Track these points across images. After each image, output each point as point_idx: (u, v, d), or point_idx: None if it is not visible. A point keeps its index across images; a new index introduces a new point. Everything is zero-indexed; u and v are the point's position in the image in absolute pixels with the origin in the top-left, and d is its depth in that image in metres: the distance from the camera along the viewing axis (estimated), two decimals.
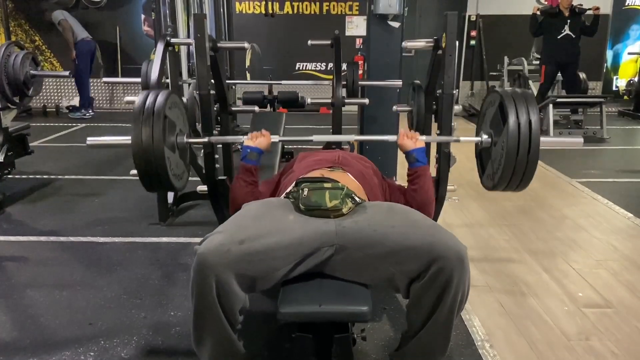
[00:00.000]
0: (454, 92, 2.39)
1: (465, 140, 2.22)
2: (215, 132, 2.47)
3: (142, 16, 8.05)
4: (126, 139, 1.93)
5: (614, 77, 8.43)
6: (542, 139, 1.93)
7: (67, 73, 3.54)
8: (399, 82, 3.46)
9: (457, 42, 2.32)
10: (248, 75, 8.33)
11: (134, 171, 3.22)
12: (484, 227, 3.26)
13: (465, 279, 1.48)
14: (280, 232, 1.53)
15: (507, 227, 3.26)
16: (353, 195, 1.66)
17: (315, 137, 2.23)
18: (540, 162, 4.70)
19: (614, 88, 8.39)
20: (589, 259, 2.82)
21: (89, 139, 2.10)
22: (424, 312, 1.51)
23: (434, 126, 2.64)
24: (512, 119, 1.91)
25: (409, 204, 1.94)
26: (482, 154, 2.28)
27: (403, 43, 2.51)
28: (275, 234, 1.51)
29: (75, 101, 8.15)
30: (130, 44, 7.94)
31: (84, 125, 6.96)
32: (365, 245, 1.53)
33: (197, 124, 2.54)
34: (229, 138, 2.41)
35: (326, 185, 1.65)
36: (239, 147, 2.11)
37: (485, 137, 2.15)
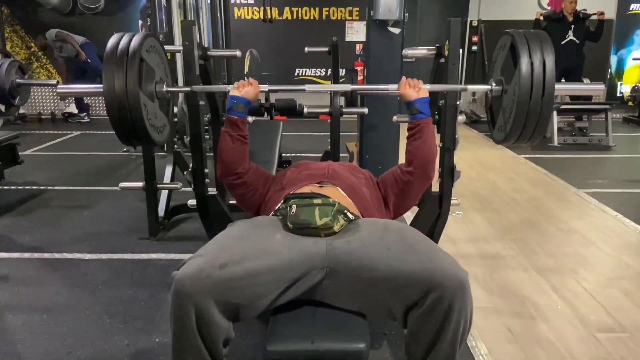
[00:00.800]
0: (458, 102, 2.26)
1: (473, 89, 2.09)
2: (205, 145, 2.33)
3: (140, 22, 7.93)
4: (98, 87, 1.78)
5: (619, 83, 8.30)
6: (557, 85, 1.78)
7: (54, 82, 3.41)
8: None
9: (460, 51, 2.18)
10: None
11: (124, 184, 3.11)
12: (489, 241, 3.12)
13: (468, 307, 1.35)
14: (266, 255, 1.39)
15: (513, 241, 3.12)
16: (345, 211, 1.53)
17: (308, 87, 2.12)
18: (546, 171, 4.58)
19: (618, 94, 8.25)
20: (600, 277, 2.68)
21: (59, 87, 1.97)
22: (424, 345, 1.37)
23: (437, 137, 2.51)
24: (524, 61, 1.74)
25: (407, 166, 1.84)
26: (493, 105, 2.12)
27: (404, 51, 2.37)
28: (260, 257, 1.38)
29: (72, 108, 8.04)
30: None
31: (78, 132, 6.83)
32: (357, 268, 1.39)
33: (185, 137, 2.41)
34: (213, 87, 2.28)
35: (316, 201, 1.52)
36: (229, 90, 1.94)
37: (495, 85, 2.00)
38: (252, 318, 1.43)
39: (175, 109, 2.76)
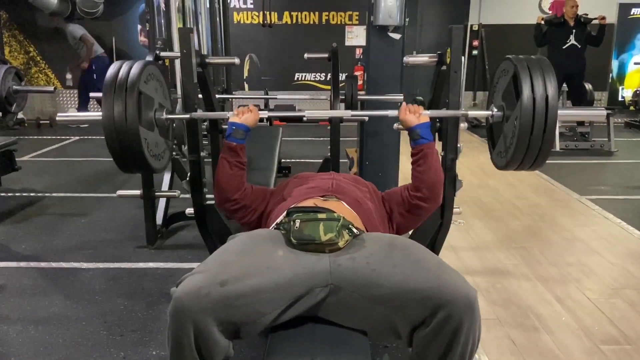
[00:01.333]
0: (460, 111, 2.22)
1: (474, 115, 2.06)
2: (204, 153, 2.30)
3: (139, 27, 7.93)
4: (97, 115, 1.78)
5: (620, 88, 8.27)
6: (560, 111, 1.77)
7: (51, 88, 3.38)
8: (400, 96, 3.28)
9: (462, 58, 2.15)
10: (246, 86, 8.23)
11: (121, 192, 3.08)
12: (491, 250, 3.08)
13: (476, 326, 1.30)
14: (268, 272, 1.34)
15: (516, 250, 3.08)
16: (350, 226, 1.48)
17: (308, 113, 2.09)
18: (548, 177, 4.54)
19: (619, 98, 8.22)
20: (604, 287, 2.64)
21: (59, 114, 1.98)
22: None
23: (438, 145, 2.47)
24: (526, 93, 1.72)
25: (416, 191, 1.81)
26: (493, 129, 2.10)
27: (405, 59, 2.34)
28: (262, 274, 1.33)
29: (71, 113, 8.02)
30: (126, 55, 7.79)
31: (77, 138, 6.79)
32: (362, 286, 1.34)
33: (183, 145, 2.37)
34: (212, 114, 2.25)
35: (320, 216, 1.47)
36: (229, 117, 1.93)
37: (496, 110, 1.97)
38: (253, 336, 1.39)
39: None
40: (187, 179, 2.26)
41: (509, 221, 3.58)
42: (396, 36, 3.72)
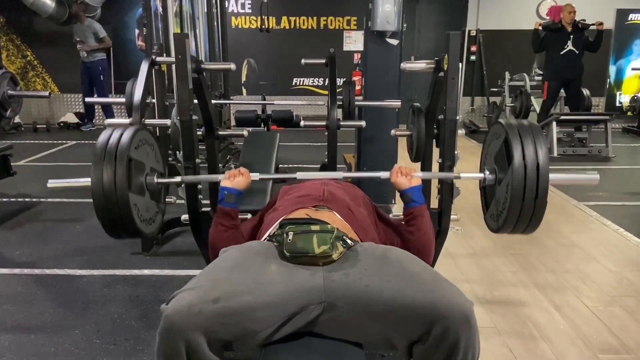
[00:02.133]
0: (458, 117, 2.21)
1: (466, 177, 2.01)
2: (199, 159, 2.28)
3: (136, 30, 7.91)
4: (87, 181, 1.73)
5: (617, 93, 8.28)
6: (551, 176, 1.76)
7: (46, 93, 3.36)
8: (397, 102, 3.27)
9: (460, 65, 2.13)
10: (244, 90, 8.21)
11: None
12: (489, 257, 3.06)
13: (475, 340, 1.27)
14: (261, 289, 1.32)
15: (514, 257, 3.06)
16: (344, 237, 1.46)
17: (299, 175, 2.03)
18: None
19: (617, 104, 8.23)
20: (602, 295, 2.62)
21: (50, 181, 1.94)
22: None
23: (436, 152, 2.45)
24: (517, 160, 1.73)
25: (406, 246, 1.75)
26: (486, 190, 2.09)
27: (402, 65, 2.32)
28: (255, 291, 1.31)
29: (68, 117, 8.00)
30: (124, 59, 7.78)
31: (73, 142, 6.77)
32: (356, 302, 1.32)
33: (178, 152, 2.35)
34: (202, 177, 2.20)
35: (313, 228, 1.44)
36: (232, 166, 1.94)
37: (488, 173, 1.95)
38: (245, 351, 1.37)
39: (169, 122, 2.72)
40: (182, 185, 2.24)
41: None
42: (394, 42, 3.71)
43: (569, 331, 2.28)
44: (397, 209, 3.50)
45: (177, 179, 2.01)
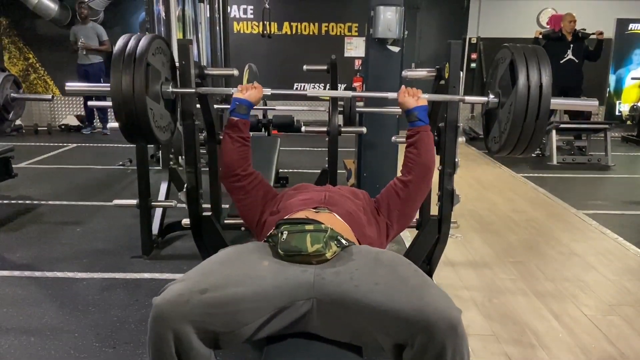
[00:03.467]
0: (458, 125, 2.22)
1: (470, 100, 2.11)
2: (200, 164, 2.29)
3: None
4: (105, 87, 1.89)
5: (617, 102, 8.30)
6: (553, 100, 1.83)
7: (49, 97, 3.37)
8: (398, 109, 3.28)
9: (461, 73, 2.15)
10: None
11: (117, 201, 3.06)
12: (488, 264, 3.06)
13: (462, 348, 1.25)
14: (250, 281, 1.34)
15: (513, 264, 3.07)
16: (338, 237, 1.48)
17: (309, 92, 2.21)
18: (545, 191, 4.54)
19: (617, 113, 8.25)
20: (601, 304, 2.63)
21: (67, 84, 2.07)
22: None
23: (436, 159, 2.47)
24: (521, 80, 1.78)
25: (407, 174, 1.86)
26: (488, 115, 2.14)
27: (403, 72, 2.34)
28: (243, 283, 1.33)
29: (69, 120, 8.02)
30: None
31: (74, 145, 6.78)
32: (344, 301, 1.33)
33: (180, 157, 2.36)
34: (217, 90, 2.33)
35: (308, 227, 1.47)
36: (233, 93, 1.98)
37: (492, 97, 2.02)
38: (234, 346, 1.37)
39: None
40: (184, 189, 2.26)
41: (507, 235, 3.57)
42: (395, 49, 3.73)
43: (567, 340, 2.28)
44: None
45: (192, 90, 2.09)
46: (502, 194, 4.63)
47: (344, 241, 1.48)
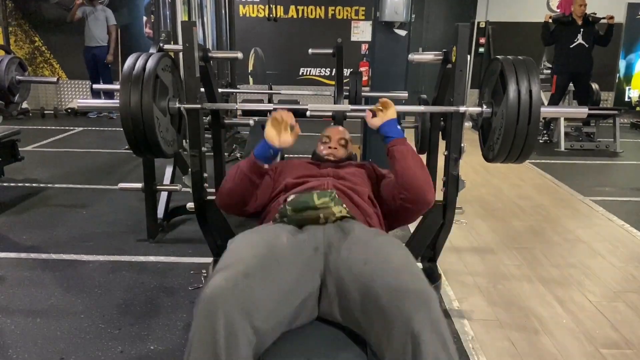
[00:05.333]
0: (464, 109, 2.20)
1: (465, 110, 2.12)
2: (205, 147, 2.28)
3: (144, 18, 7.90)
4: (115, 102, 1.95)
5: (627, 88, 8.20)
6: (543, 109, 1.90)
7: (55, 79, 3.36)
8: (404, 94, 3.26)
9: (468, 57, 2.12)
10: (251, 80, 8.20)
11: (123, 184, 3.07)
12: (493, 251, 3.06)
13: (442, 329, 1.18)
14: (276, 264, 1.35)
15: (518, 250, 3.06)
16: (343, 204, 1.56)
17: (311, 107, 2.29)
18: (552, 177, 4.50)
19: (626, 99, 8.16)
20: (606, 290, 2.62)
21: (78, 102, 2.11)
22: None
23: (442, 144, 2.45)
24: (511, 88, 1.87)
25: (399, 192, 1.70)
26: (484, 125, 2.23)
27: (409, 56, 2.31)
28: (273, 265, 1.34)
29: (74, 104, 8.02)
30: (131, 46, 7.77)
31: (80, 129, 6.79)
32: (341, 280, 1.36)
33: (184, 141, 2.35)
34: (226, 105, 2.36)
35: (314, 191, 1.59)
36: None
37: (485, 107, 2.09)
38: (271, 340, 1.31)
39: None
40: (189, 173, 2.25)
41: (512, 221, 3.56)
42: (402, 33, 3.69)
43: (571, 325, 2.28)
44: None
45: (197, 105, 2.09)
46: (508, 180, 4.60)
47: (346, 209, 1.55)
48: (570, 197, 4.17)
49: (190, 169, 2.26)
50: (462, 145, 2.19)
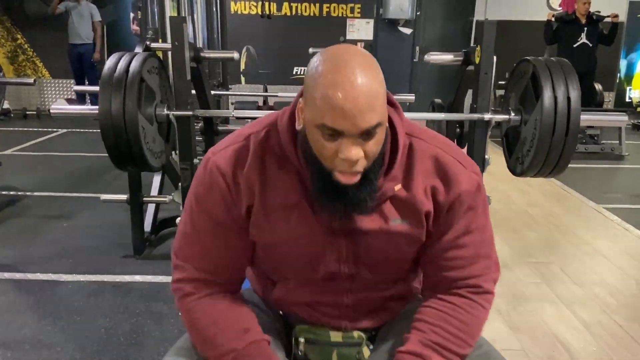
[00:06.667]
0: (489, 116, 1.97)
1: (490, 118, 1.90)
2: (197, 159, 2.04)
3: (131, 14, 7.60)
4: (94, 109, 1.76)
5: (628, 88, 8.05)
6: (583, 116, 1.73)
7: (31, 81, 3.10)
8: (411, 97, 3.03)
9: (494, 57, 1.90)
10: (243, 79, 7.94)
11: (106, 196, 2.81)
12: (508, 266, 2.83)
13: None
14: None
15: (535, 266, 2.84)
16: (370, 336, 1.12)
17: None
18: (560, 183, 4.28)
19: (627, 99, 8.00)
20: (634, 312, 2.41)
21: (53, 107, 1.94)
22: None
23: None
24: (547, 94, 1.67)
25: None
26: (509, 134, 2.00)
27: (426, 56, 2.09)
28: None
29: (59, 103, 7.71)
30: (117, 43, 7.47)
31: (64, 130, 6.49)
32: None
33: (174, 152, 2.11)
34: (214, 112, 2.07)
35: (334, 337, 1.08)
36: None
37: (513, 114, 1.88)
38: None
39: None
40: (179, 189, 2.01)
41: (525, 232, 3.34)
42: (407, 31, 3.47)
43: (602, 356, 2.06)
44: None
45: (189, 112, 1.88)
46: (515, 185, 4.38)
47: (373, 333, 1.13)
48: (582, 204, 3.96)
49: (180, 183, 2.02)
50: (486, 156, 1.97)
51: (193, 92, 2.37)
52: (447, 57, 2.12)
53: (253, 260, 1.09)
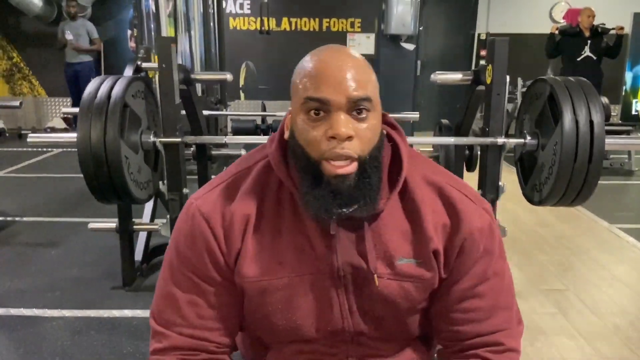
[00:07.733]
0: (502, 140, 1.82)
1: (503, 142, 1.74)
2: (187, 189, 1.89)
3: (129, 32, 7.51)
4: (72, 137, 1.67)
5: (634, 101, 7.90)
6: (608, 140, 1.60)
7: (17, 103, 2.97)
8: (415, 115, 2.89)
9: (507, 77, 1.76)
10: (242, 95, 7.83)
11: (94, 224, 2.66)
12: (521, 294, 2.67)
13: None
14: None
15: (550, 294, 2.67)
16: None
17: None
18: None
19: (633, 112, 7.84)
20: None
21: (30, 136, 1.88)
22: None
23: (467, 176, 2.07)
24: (567, 117, 1.52)
25: None
26: (524, 159, 1.86)
27: (432, 76, 1.95)
28: None
29: (55, 122, 7.62)
30: (115, 61, 7.37)
31: (59, 150, 6.36)
32: None
33: (162, 182, 1.96)
34: (206, 138, 1.91)
35: None
36: None
37: (529, 138, 1.74)
38: None
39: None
40: (167, 221, 1.86)
41: (537, 255, 3.18)
42: (410, 47, 3.34)
43: None
44: None
45: (177, 138, 1.73)
46: (522, 203, 4.16)
47: None
48: (595, 224, 3.80)
49: (169, 215, 1.87)
50: (500, 184, 1.82)
51: (185, 113, 2.24)
52: (455, 77, 1.98)
53: (243, 320, 0.95)
